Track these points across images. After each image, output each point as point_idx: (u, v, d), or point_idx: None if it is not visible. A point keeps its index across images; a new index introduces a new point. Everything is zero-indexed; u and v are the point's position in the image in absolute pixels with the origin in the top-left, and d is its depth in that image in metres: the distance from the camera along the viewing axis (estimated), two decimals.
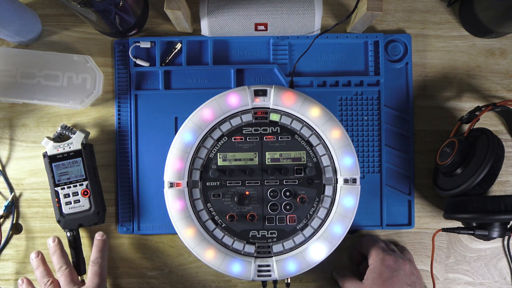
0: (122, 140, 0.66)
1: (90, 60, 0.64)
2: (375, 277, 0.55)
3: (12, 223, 0.65)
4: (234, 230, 0.57)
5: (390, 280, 0.55)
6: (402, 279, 0.55)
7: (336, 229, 0.56)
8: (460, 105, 0.67)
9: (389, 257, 0.57)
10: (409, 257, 0.62)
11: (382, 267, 0.56)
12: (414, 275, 0.57)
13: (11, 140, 0.66)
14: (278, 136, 0.58)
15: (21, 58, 0.64)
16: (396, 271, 0.55)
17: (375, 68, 0.66)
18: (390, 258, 0.56)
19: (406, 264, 0.57)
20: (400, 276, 0.55)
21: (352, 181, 0.57)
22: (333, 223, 0.57)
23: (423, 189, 0.66)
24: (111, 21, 0.59)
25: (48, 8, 0.67)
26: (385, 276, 0.55)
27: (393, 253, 0.58)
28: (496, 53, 0.67)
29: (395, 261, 0.56)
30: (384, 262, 0.56)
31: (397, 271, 0.55)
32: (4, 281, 0.65)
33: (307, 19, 0.64)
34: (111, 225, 0.66)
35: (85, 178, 0.62)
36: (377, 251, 0.58)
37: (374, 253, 0.57)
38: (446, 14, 0.68)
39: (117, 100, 0.66)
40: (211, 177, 0.57)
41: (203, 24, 0.65)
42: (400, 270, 0.56)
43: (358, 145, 0.66)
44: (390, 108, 0.66)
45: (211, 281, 0.65)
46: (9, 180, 0.66)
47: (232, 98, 0.57)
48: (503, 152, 0.58)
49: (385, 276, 0.55)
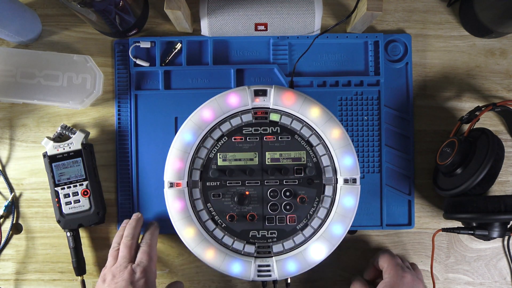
0: (122, 140, 0.66)
1: (90, 60, 0.64)
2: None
3: (12, 223, 0.65)
4: (234, 230, 0.57)
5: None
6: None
7: (336, 229, 0.56)
8: (460, 105, 0.67)
9: (408, 275, 0.56)
10: (420, 276, 0.61)
11: (400, 283, 0.55)
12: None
13: (11, 140, 0.66)
14: (278, 136, 0.58)
15: (21, 58, 0.64)
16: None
17: (375, 68, 0.66)
18: (408, 276, 0.56)
19: (420, 285, 0.57)
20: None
21: (352, 181, 0.57)
22: (333, 223, 0.57)
23: (423, 189, 0.66)
24: (111, 21, 0.59)
25: (48, 8, 0.67)
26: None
27: (409, 271, 0.58)
28: (496, 53, 0.67)
29: (413, 279, 0.56)
30: (403, 279, 0.56)
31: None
32: (4, 281, 0.65)
33: (307, 19, 0.64)
34: (111, 225, 0.66)
35: (85, 178, 0.62)
36: (396, 267, 0.57)
37: (393, 269, 0.57)
38: (446, 14, 0.68)
39: (117, 100, 0.66)
40: (211, 177, 0.57)
41: (203, 24, 0.65)
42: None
43: (358, 145, 0.66)
44: (390, 108, 0.66)
45: (211, 281, 0.65)
46: (9, 180, 0.66)
47: (232, 98, 0.57)
48: (503, 152, 0.58)
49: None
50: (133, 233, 0.60)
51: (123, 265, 0.56)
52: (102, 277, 0.56)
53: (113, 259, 0.58)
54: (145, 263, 0.56)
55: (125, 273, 0.55)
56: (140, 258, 0.57)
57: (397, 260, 0.59)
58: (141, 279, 0.54)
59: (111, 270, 0.56)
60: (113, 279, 0.55)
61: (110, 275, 0.55)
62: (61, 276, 0.65)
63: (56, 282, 0.65)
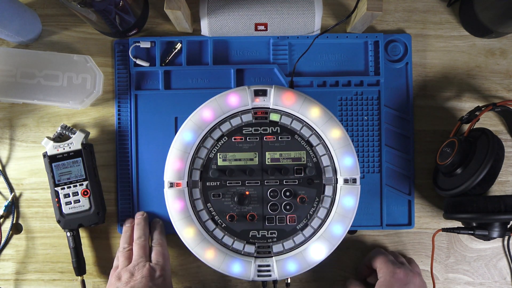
0: (122, 140, 0.66)
1: (90, 60, 0.64)
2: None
3: (12, 223, 0.65)
4: (234, 230, 0.57)
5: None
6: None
7: (336, 229, 0.56)
8: (460, 105, 0.67)
9: (400, 270, 0.56)
10: (417, 270, 0.61)
11: (393, 280, 0.55)
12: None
13: (11, 140, 0.66)
14: (278, 136, 0.58)
15: (21, 58, 0.64)
16: (406, 284, 0.55)
17: (375, 68, 0.66)
18: (400, 271, 0.56)
19: (416, 278, 0.56)
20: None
21: (352, 181, 0.57)
22: (333, 223, 0.57)
23: (423, 189, 0.66)
24: (111, 21, 0.59)
25: (48, 8, 0.67)
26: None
27: (403, 266, 0.58)
28: (496, 53, 0.67)
29: (406, 274, 0.56)
30: (395, 275, 0.56)
31: (407, 285, 0.55)
32: (4, 281, 0.65)
33: (307, 19, 0.64)
34: (111, 225, 0.66)
35: (85, 178, 0.62)
36: (387, 264, 0.57)
37: (384, 266, 0.57)
38: (446, 14, 0.68)
39: (117, 100, 0.66)
40: (211, 177, 0.57)
41: (203, 24, 0.65)
42: (411, 283, 0.55)
43: (358, 145, 0.66)
44: (390, 108, 0.66)
45: (211, 281, 0.65)
46: (9, 180, 0.66)
47: (232, 98, 0.57)
48: (503, 152, 0.58)
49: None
50: (144, 233, 0.61)
51: (141, 263, 0.56)
52: (117, 275, 0.56)
53: (126, 259, 0.58)
54: (162, 262, 0.58)
55: (145, 270, 0.55)
56: (156, 258, 0.58)
57: (388, 257, 0.59)
58: (160, 277, 0.55)
59: (128, 268, 0.56)
60: (131, 277, 0.55)
61: (128, 274, 0.56)
62: (61, 276, 0.65)
63: (56, 282, 0.65)
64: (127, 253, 0.59)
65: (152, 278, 0.55)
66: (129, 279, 0.55)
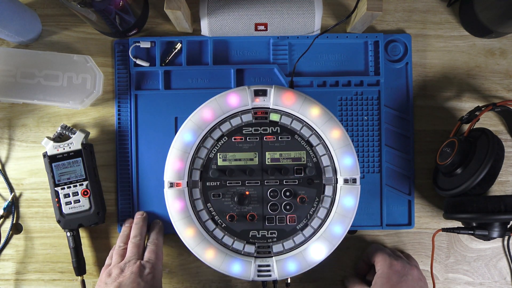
0: (122, 140, 0.66)
1: (90, 60, 0.64)
2: (384, 282, 0.55)
3: (12, 223, 0.65)
4: (234, 230, 0.57)
5: (399, 285, 0.54)
6: (410, 284, 0.55)
7: (336, 229, 0.56)
8: (460, 105, 0.67)
9: (397, 262, 0.57)
10: (415, 263, 0.61)
11: (390, 272, 0.56)
12: (422, 281, 0.57)
13: (11, 140, 0.66)
14: (278, 136, 0.58)
15: (21, 58, 0.64)
16: (404, 276, 0.55)
17: (375, 68, 0.66)
18: (397, 264, 0.56)
19: (413, 270, 0.57)
20: (408, 281, 0.55)
21: (352, 181, 0.57)
22: (333, 223, 0.57)
23: (423, 189, 0.66)
24: (111, 21, 0.59)
25: (48, 8, 0.67)
26: (393, 281, 0.55)
27: (400, 258, 0.58)
28: (496, 53, 0.67)
29: (403, 266, 0.56)
30: (392, 267, 0.56)
31: (405, 276, 0.55)
32: (4, 281, 0.65)
33: (307, 19, 0.64)
34: (111, 225, 0.66)
35: (85, 178, 0.62)
36: (384, 256, 0.57)
37: (382, 259, 0.57)
38: (446, 14, 0.68)
39: (117, 100, 0.66)
40: (211, 177, 0.57)
41: (203, 24, 0.65)
42: (408, 275, 0.56)
43: (358, 145, 0.66)
44: (390, 108, 0.66)
45: (211, 281, 0.65)
46: (9, 180, 0.66)
47: (232, 98, 0.57)
48: (503, 152, 0.58)
49: (393, 281, 0.55)
50: (140, 233, 0.61)
51: (132, 261, 0.57)
52: (107, 272, 0.57)
53: (119, 257, 0.58)
54: (153, 260, 0.57)
55: (135, 267, 0.55)
56: (148, 256, 0.58)
57: (386, 251, 0.59)
58: (150, 274, 0.55)
59: (118, 265, 0.57)
60: (121, 272, 0.55)
61: (118, 270, 0.56)
62: (61, 276, 0.65)
63: (56, 282, 0.65)
64: (122, 251, 0.59)
65: (141, 274, 0.55)
66: (119, 275, 0.55)
